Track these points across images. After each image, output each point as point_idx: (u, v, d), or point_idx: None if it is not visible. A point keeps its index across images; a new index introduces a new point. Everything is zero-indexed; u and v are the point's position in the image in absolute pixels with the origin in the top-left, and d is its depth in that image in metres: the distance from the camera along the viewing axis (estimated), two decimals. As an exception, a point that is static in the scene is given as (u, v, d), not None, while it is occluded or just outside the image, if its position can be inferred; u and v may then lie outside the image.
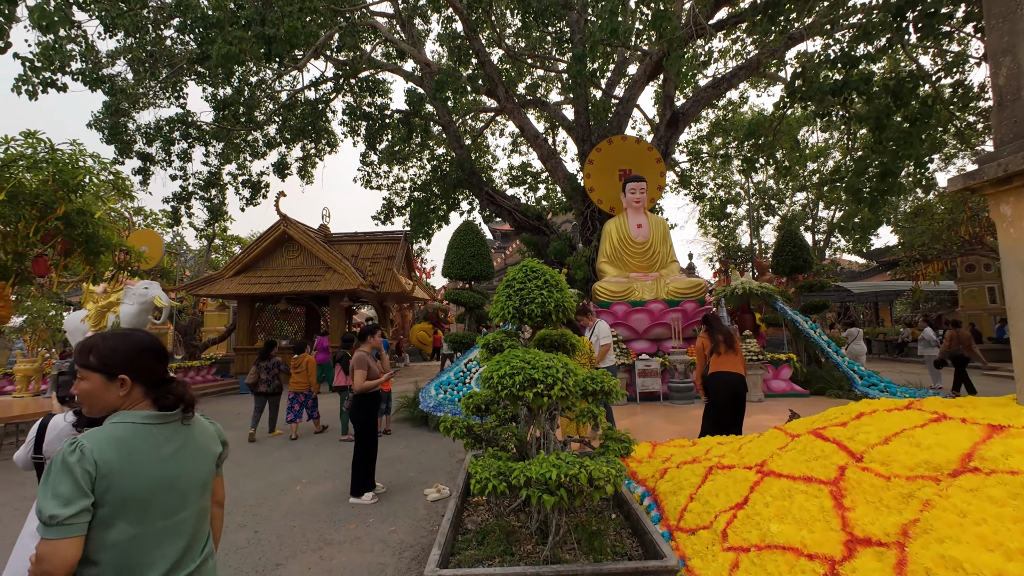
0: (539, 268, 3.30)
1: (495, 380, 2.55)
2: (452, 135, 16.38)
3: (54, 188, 7.12)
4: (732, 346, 4.59)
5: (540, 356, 2.63)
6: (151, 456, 1.28)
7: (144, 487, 1.25)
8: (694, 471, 3.17)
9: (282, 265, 16.44)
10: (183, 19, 9.97)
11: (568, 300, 3.25)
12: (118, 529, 1.21)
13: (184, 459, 1.36)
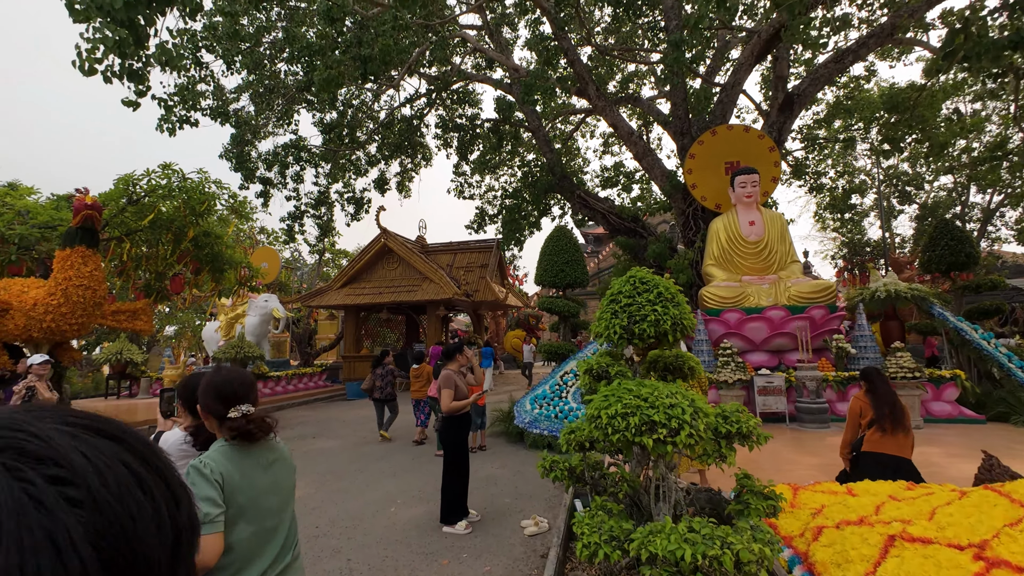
0: (650, 279, 2.78)
1: (604, 421, 2.09)
2: (542, 139, 16.10)
3: (185, 214, 7.84)
4: (901, 422, 3.48)
5: (659, 390, 2.12)
6: (258, 468, 1.60)
7: (256, 493, 1.55)
8: (865, 538, 2.44)
9: (383, 276, 17.19)
10: (291, 50, 10.69)
11: (688, 316, 2.69)
12: (240, 528, 1.50)
13: (279, 470, 1.69)
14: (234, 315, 14.50)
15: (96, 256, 6.46)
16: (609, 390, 2.21)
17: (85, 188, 6.43)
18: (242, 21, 11.42)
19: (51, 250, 7.37)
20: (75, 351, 7.34)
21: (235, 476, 1.54)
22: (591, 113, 18.88)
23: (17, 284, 6.32)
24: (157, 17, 5.39)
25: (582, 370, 2.89)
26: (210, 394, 1.69)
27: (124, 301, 8.17)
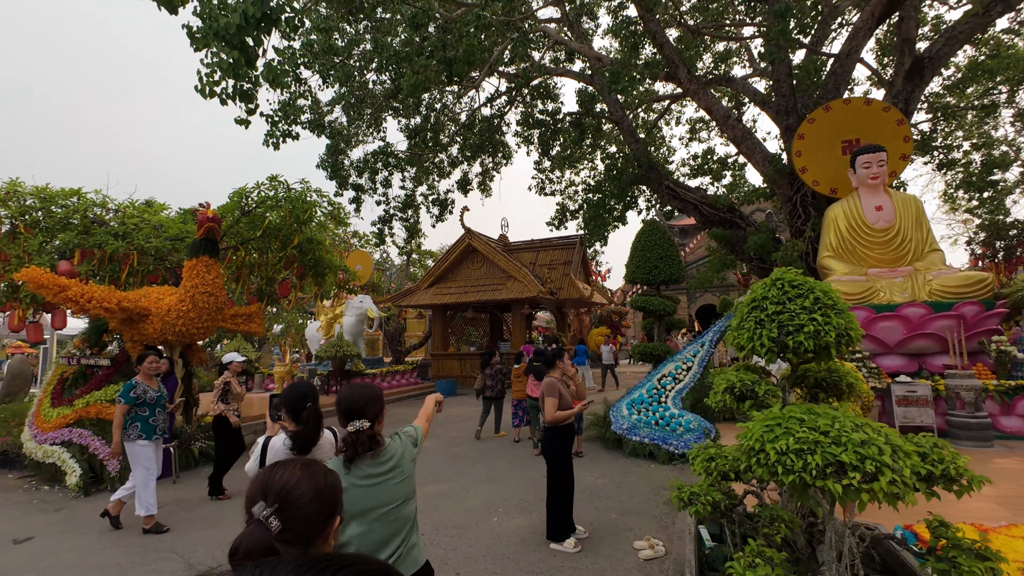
0: (803, 282, 2.37)
1: (772, 458, 1.74)
2: (626, 130, 15.45)
3: (290, 222, 8.31)
4: None
5: (841, 421, 1.74)
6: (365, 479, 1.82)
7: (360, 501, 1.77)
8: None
9: (468, 275, 17.44)
10: (380, 59, 11.02)
11: (855, 326, 2.25)
12: (352, 527, 1.75)
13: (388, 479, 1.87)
14: (333, 315, 15.37)
15: (217, 265, 6.99)
16: (772, 418, 1.85)
17: (207, 202, 6.98)
18: (334, 36, 11.96)
19: (180, 260, 8.12)
20: (202, 351, 8.06)
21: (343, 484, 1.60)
22: (678, 99, 17.87)
23: (155, 292, 7.00)
24: (264, 38, 5.66)
25: (720, 388, 2.54)
26: (338, 408, 1.96)
27: (240, 305, 8.83)
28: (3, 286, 7.41)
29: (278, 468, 1.09)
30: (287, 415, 2.59)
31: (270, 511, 0.98)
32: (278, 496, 1.01)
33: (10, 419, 8.97)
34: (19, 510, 5.55)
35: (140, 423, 4.83)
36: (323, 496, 1.05)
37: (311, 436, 2.56)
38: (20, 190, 7.75)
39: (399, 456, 2.00)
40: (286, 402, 2.59)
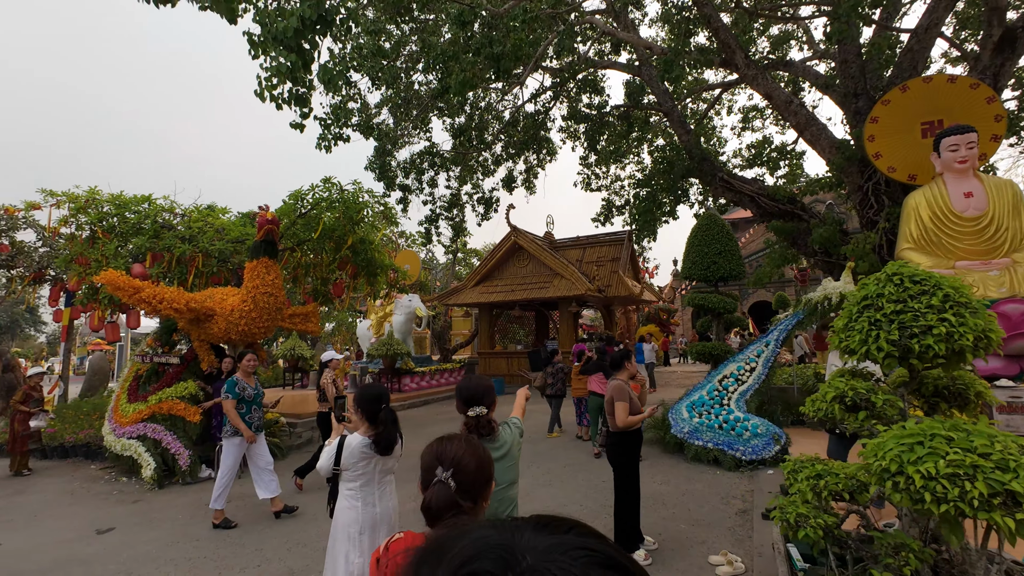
0: (927, 277, 2.07)
1: (917, 483, 1.49)
2: (676, 121, 14.89)
3: (344, 223, 8.44)
4: None
5: (1003, 441, 1.46)
6: None
7: None
8: None
9: (514, 274, 17.33)
10: (427, 59, 11.05)
11: (995, 328, 1.94)
12: None
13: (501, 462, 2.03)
14: (383, 314, 15.64)
15: (276, 266, 7.17)
16: (910, 435, 1.60)
17: (266, 205, 7.16)
18: (382, 39, 12.10)
19: (241, 262, 8.41)
20: (263, 350, 8.32)
21: None
22: (729, 87, 17.10)
23: (219, 293, 7.26)
24: (319, 39, 5.72)
25: (828, 397, 2.27)
26: (459, 396, 2.20)
27: (297, 305, 9.06)
28: (85, 288, 7.88)
29: (446, 442, 1.34)
30: (361, 416, 2.68)
31: (448, 474, 1.22)
32: (452, 463, 1.24)
33: (91, 413, 9.58)
34: (101, 500, 5.86)
35: (244, 419, 5.02)
36: (483, 464, 1.30)
37: (391, 437, 2.66)
38: (98, 198, 8.22)
39: (510, 443, 2.20)
40: (361, 403, 2.68)
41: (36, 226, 10.76)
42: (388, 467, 2.81)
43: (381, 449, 2.62)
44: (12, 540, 4.69)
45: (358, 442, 2.61)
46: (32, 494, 6.25)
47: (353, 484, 2.67)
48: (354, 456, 2.62)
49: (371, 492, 2.70)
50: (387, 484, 2.82)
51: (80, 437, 8.24)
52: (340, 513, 2.67)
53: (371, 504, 2.68)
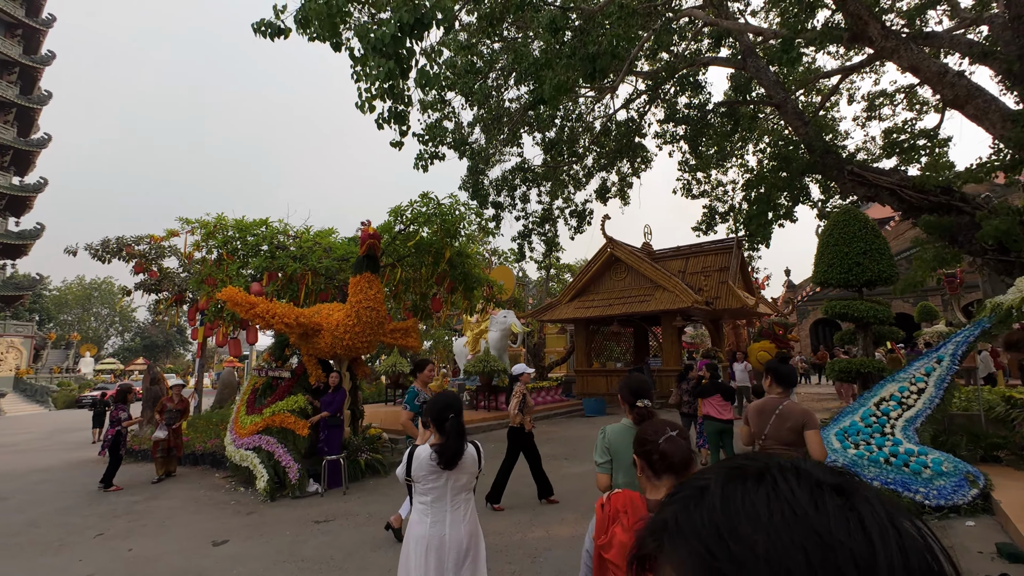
0: None
1: None
2: (790, 113, 13.40)
3: (441, 236, 8.35)
4: None
5: None
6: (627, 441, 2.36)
7: (628, 456, 2.24)
8: None
9: (611, 287, 16.53)
10: (519, 70, 10.90)
11: None
12: (618, 475, 2.45)
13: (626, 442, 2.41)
14: (479, 331, 15.58)
15: (378, 280, 7.19)
16: None
17: (368, 220, 7.25)
18: (473, 57, 12.22)
19: (346, 279, 8.62)
20: (366, 366, 8.40)
21: (619, 444, 2.45)
22: (852, 71, 15.26)
23: (326, 308, 7.42)
24: (416, 44, 5.65)
25: None
26: (627, 389, 2.47)
27: (397, 321, 9.11)
28: (212, 306, 8.49)
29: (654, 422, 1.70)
30: (432, 425, 2.55)
31: (675, 433, 1.58)
32: (673, 426, 1.62)
33: (219, 423, 10.31)
34: (220, 509, 6.04)
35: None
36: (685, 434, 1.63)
37: (455, 450, 2.45)
38: (224, 223, 8.90)
39: None
40: (431, 411, 2.56)
41: (177, 253, 12.06)
42: (463, 484, 2.57)
43: (443, 461, 2.42)
44: (141, 546, 4.88)
45: (426, 453, 2.46)
46: (165, 499, 6.64)
47: (424, 499, 2.51)
48: (422, 468, 2.46)
49: (441, 511, 2.49)
50: (462, 504, 2.56)
51: (208, 446, 8.82)
52: (412, 525, 2.53)
53: (440, 523, 2.47)
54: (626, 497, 1.51)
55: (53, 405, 27.81)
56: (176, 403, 8.33)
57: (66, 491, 7.43)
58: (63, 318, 52.38)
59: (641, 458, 1.60)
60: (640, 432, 1.66)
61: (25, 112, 34.49)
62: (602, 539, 1.43)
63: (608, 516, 1.46)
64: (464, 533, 2.51)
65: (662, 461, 1.52)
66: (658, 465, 1.53)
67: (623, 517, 1.44)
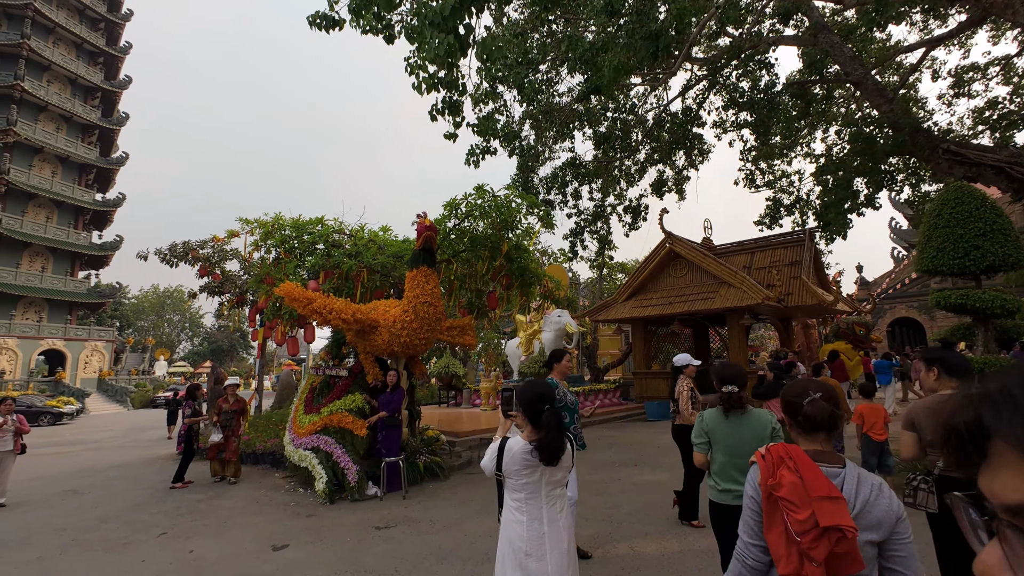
0: None
1: None
2: (872, 90, 12.20)
3: (498, 228, 7.98)
4: None
5: None
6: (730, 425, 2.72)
7: (727, 439, 2.72)
8: None
9: (671, 285, 15.68)
10: (573, 56, 10.43)
11: None
12: (717, 455, 2.74)
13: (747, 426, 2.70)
14: (532, 331, 15.13)
15: (435, 275, 6.89)
16: None
17: (424, 212, 6.97)
18: (527, 44, 11.86)
19: (401, 275, 8.41)
20: (422, 365, 8.14)
21: (715, 426, 2.76)
22: (938, 43, 13.88)
23: (382, 305, 7.19)
24: (475, 18, 5.31)
25: None
26: (716, 375, 2.84)
27: (453, 318, 8.80)
28: (271, 305, 8.48)
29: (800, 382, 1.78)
30: (524, 417, 2.38)
31: (818, 396, 1.65)
32: (816, 388, 1.68)
33: (279, 423, 10.36)
34: (280, 511, 5.87)
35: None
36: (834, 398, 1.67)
37: (555, 445, 2.25)
38: (281, 222, 8.90)
39: (763, 421, 2.73)
40: (522, 402, 2.38)
41: (238, 255, 12.34)
42: (557, 479, 2.37)
43: (545, 458, 2.24)
44: (203, 547, 4.72)
45: (519, 447, 2.28)
46: (227, 499, 6.57)
47: (517, 495, 2.33)
48: (516, 463, 2.28)
49: (538, 506, 2.32)
50: (557, 499, 2.38)
51: (268, 446, 8.81)
52: (506, 526, 2.36)
53: (538, 520, 2.30)
54: (783, 447, 1.63)
55: (131, 405, 29.63)
56: (232, 403, 7.82)
57: (137, 487, 7.55)
58: (140, 324, 56.28)
59: (788, 417, 1.73)
60: (784, 394, 1.76)
61: (106, 133, 37.24)
62: (771, 481, 1.55)
63: (772, 462, 1.58)
64: (562, 529, 2.34)
65: (807, 422, 1.65)
66: (805, 425, 1.67)
67: (787, 462, 1.56)
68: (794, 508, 1.45)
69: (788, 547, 1.46)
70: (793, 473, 1.51)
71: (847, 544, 1.37)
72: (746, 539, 1.62)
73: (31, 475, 8.87)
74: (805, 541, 1.40)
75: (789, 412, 1.70)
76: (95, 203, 35.64)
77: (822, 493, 1.44)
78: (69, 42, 35.18)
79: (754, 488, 1.62)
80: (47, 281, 32.24)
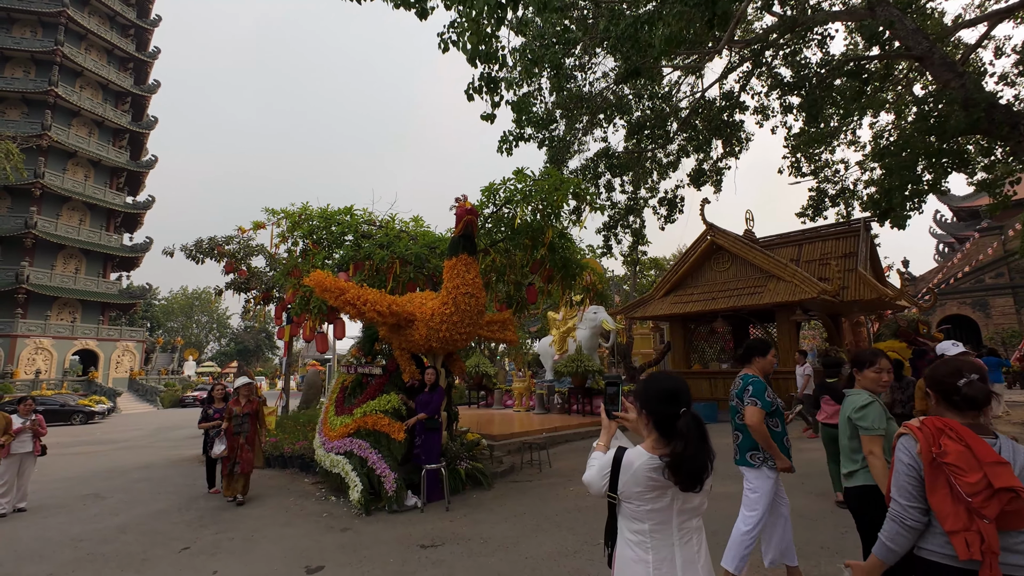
0: None
1: None
2: (939, 64, 11.11)
3: (542, 211, 7.33)
4: None
5: None
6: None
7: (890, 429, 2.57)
8: None
9: (713, 279, 14.80)
10: (614, 32, 9.72)
11: None
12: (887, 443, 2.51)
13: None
14: (565, 329, 14.44)
15: (476, 263, 6.28)
16: None
17: (464, 195, 6.37)
18: (565, 20, 11.20)
19: (437, 266, 7.83)
20: (462, 362, 7.53)
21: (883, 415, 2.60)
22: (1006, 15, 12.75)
23: (418, 298, 6.62)
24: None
25: None
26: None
27: (490, 312, 8.19)
28: (298, 299, 7.99)
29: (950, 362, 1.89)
30: (647, 421, 1.76)
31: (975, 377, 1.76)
32: (971, 369, 1.79)
33: (307, 424, 9.89)
34: (312, 523, 5.32)
35: (777, 440, 3.33)
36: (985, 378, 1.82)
37: (695, 463, 1.63)
38: (309, 212, 8.41)
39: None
40: (647, 403, 1.77)
41: (264, 251, 11.96)
42: (693, 506, 1.76)
43: (681, 478, 1.64)
44: (228, 568, 4.18)
45: (643, 462, 1.71)
46: (253, 507, 6.07)
47: (639, 526, 1.74)
48: (638, 482, 1.70)
49: (668, 542, 1.72)
50: (693, 533, 1.78)
51: (296, 448, 8.32)
52: (625, 566, 1.76)
53: (669, 561, 1.71)
54: (939, 420, 1.77)
55: (160, 404, 29.89)
56: (243, 406, 6.55)
57: (161, 491, 7.13)
58: (170, 325, 57.34)
59: (940, 396, 1.85)
60: (936, 374, 1.87)
61: (135, 137, 37.85)
62: (935, 449, 1.69)
63: (931, 433, 1.73)
64: (701, 572, 1.76)
65: (966, 401, 1.78)
66: (962, 404, 1.79)
67: (948, 432, 1.71)
68: (962, 472, 1.63)
69: (955, 506, 1.64)
70: (957, 442, 1.68)
71: (1018, 503, 1.56)
72: (903, 502, 1.77)
73: (58, 475, 8.59)
74: (976, 501, 1.58)
75: (942, 391, 1.82)
76: (126, 206, 36.22)
77: (992, 459, 1.63)
78: (100, 48, 35.83)
79: (910, 456, 1.77)
80: (80, 282, 32.81)
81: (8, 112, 31.52)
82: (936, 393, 1.85)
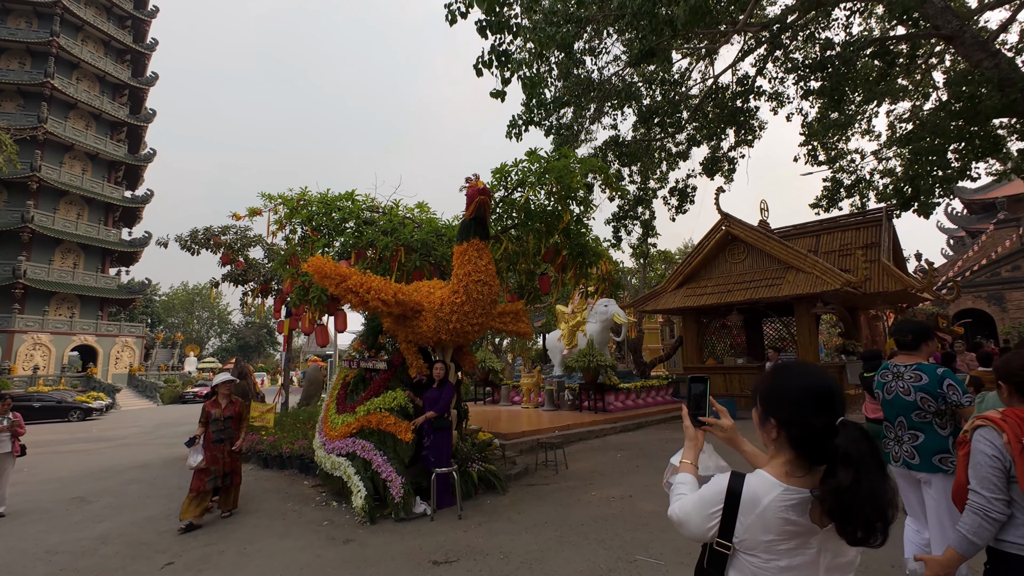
0: None
1: None
2: (972, 44, 10.56)
3: (558, 195, 6.81)
4: None
5: None
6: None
7: None
8: None
9: (727, 271, 14.28)
10: (628, 7, 9.17)
11: None
12: None
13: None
14: (575, 322, 13.93)
15: (488, 249, 5.78)
16: None
17: (475, 175, 5.85)
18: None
19: (444, 253, 7.33)
20: (472, 356, 7.03)
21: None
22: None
23: (425, 286, 6.13)
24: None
25: None
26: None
27: (501, 303, 7.69)
28: (296, 289, 7.50)
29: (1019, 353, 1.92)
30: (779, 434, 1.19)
31: None
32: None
33: (307, 422, 9.41)
34: (312, 533, 4.84)
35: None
36: None
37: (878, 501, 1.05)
38: (308, 198, 7.90)
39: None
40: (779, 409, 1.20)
41: (261, 241, 11.48)
42: (847, 560, 1.18)
43: (851, 526, 1.06)
44: (216, 586, 3.69)
45: (775, 496, 1.13)
46: (248, 514, 5.59)
47: None
48: (768, 528, 1.13)
49: None
50: None
51: (295, 448, 7.85)
52: None
53: None
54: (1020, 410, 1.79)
55: (160, 400, 29.49)
56: (224, 408, 5.54)
57: (151, 495, 6.67)
58: (170, 320, 56.97)
59: (1014, 387, 1.86)
60: (1012, 365, 1.88)
61: (134, 130, 37.29)
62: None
63: (1017, 424, 1.73)
64: None
65: None
66: None
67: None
68: None
69: None
70: None
71: None
72: (987, 494, 1.73)
73: (47, 476, 8.15)
74: None
75: (1016, 383, 1.86)
76: (124, 200, 35.71)
77: None
78: (97, 39, 35.23)
79: (994, 448, 1.75)
80: (79, 277, 32.36)
81: (4, 104, 30.99)
82: (1009, 385, 1.87)
